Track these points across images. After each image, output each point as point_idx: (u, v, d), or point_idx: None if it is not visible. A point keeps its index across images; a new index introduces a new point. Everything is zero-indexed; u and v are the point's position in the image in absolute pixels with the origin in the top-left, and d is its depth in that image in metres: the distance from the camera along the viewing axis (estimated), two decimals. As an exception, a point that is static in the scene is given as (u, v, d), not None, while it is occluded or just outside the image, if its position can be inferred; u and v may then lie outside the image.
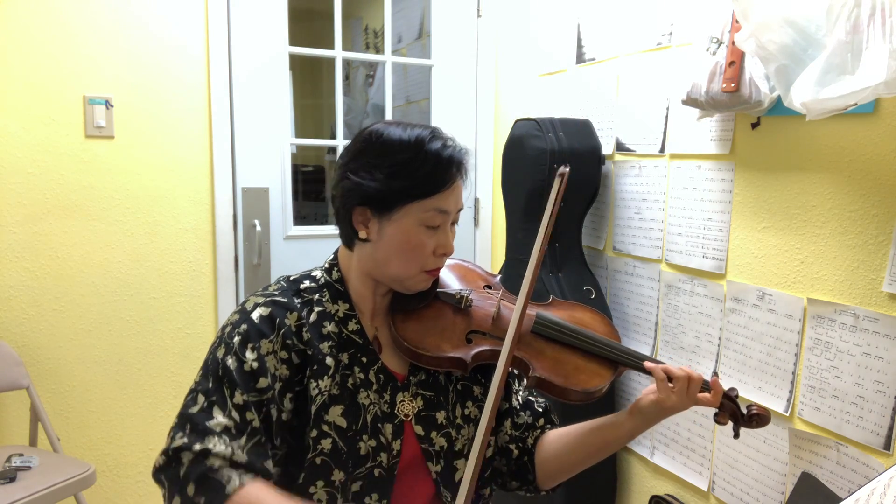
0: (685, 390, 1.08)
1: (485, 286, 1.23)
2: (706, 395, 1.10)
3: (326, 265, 1.16)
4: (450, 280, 1.22)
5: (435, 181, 1.05)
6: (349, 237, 1.11)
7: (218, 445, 0.93)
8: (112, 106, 2.22)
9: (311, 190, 3.99)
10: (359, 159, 1.07)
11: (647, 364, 1.12)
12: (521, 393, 1.25)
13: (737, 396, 1.15)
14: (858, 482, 1.42)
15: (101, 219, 2.25)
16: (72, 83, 2.16)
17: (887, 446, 1.37)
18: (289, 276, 1.13)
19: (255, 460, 0.96)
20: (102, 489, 2.34)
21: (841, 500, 1.04)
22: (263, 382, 0.99)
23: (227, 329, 1.04)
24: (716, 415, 1.15)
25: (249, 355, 1.00)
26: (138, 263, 2.32)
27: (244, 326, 1.02)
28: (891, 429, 1.37)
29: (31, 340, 2.20)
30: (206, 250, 2.41)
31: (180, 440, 0.94)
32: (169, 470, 0.93)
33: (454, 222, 1.12)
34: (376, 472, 1.05)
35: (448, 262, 1.20)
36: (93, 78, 2.19)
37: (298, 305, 1.07)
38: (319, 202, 4.00)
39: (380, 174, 1.04)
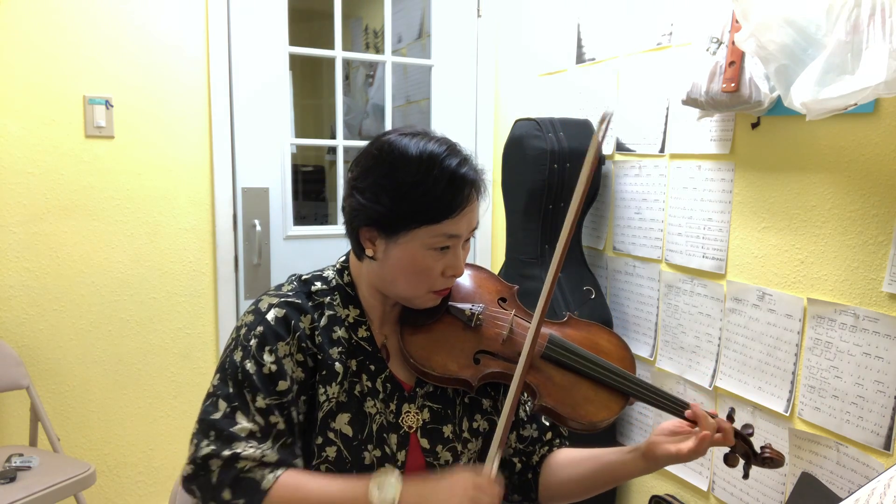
0: (707, 442, 1.03)
1: (499, 299, 1.19)
2: (720, 435, 1.05)
3: (338, 266, 1.14)
4: (464, 289, 1.18)
5: (445, 205, 1.00)
6: (357, 252, 1.09)
7: (246, 449, 0.93)
8: (112, 106, 2.22)
9: (311, 190, 3.99)
10: (367, 177, 1.03)
11: (686, 417, 1.06)
12: (528, 405, 1.22)
13: (751, 435, 1.10)
14: (858, 482, 1.42)
15: (101, 219, 2.25)
16: (72, 83, 2.16)
17: (887, 446, 1.37)
18: (300, 276, 1.12)
19: (286, 458, 0.96)
20: (102, 489, 2.33)
21: (841, 500, 1.03)
22: (283, 385, 0.99)
23: (244, 331, 1.02)
24: (727, 455, 1.10)
25: (267, 358, 0.99)
26: (138, 263, 2.31)
27: (260, 328, 1.01)
28: (891, 429, 1.36)
29: (31, 340, 2.20)
30: (206, 250, 2.41)
31: (207, 448, 0.93)
32: (199, 479, 0.93)
33: (468, 239, 1.08)
34: None
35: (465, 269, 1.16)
36: (93, 78, 2.19)
37: (310, 308, 1.06)
38: (319, 202, 4.00)
39: (386, 198, 1.00)
